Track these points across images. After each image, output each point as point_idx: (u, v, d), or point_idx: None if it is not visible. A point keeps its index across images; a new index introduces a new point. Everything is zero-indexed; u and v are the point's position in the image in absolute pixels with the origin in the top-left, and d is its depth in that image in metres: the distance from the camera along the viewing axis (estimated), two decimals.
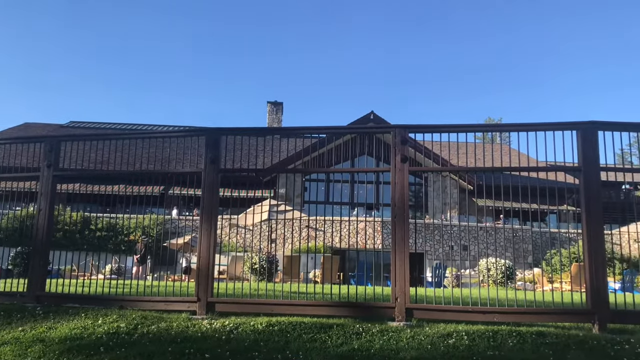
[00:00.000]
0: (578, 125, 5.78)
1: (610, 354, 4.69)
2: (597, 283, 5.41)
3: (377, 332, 5.16)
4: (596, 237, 5.53)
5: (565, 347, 4.83)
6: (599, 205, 5.65)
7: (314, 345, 4.93)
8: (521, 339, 4.95)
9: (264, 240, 20.84)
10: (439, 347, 4.81)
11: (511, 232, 21.10)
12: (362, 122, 28.86)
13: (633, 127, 6.11)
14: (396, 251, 5.74)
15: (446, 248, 24.99)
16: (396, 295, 5.63)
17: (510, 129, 6.69)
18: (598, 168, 5.71)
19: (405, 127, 6.17)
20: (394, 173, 5.95)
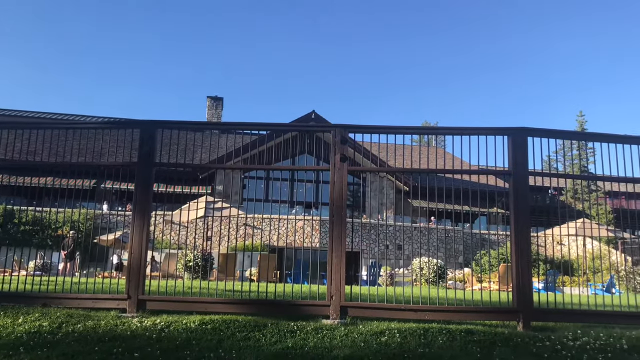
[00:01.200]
0: (509, 130, 6.02)
1: (533, 351, 4.91)
2: (522, 283, 5.65)
3: (311, 330, 5.16)
4: (523, 239, 5.77)
5: (492, 344, 5.01)
6: (527, 208, 5.90)
7: (248, 344, 4.88)
8: (451, 337, 5.09)
9: (200, 237, 20.47)
10: (372, 344, 4.88)
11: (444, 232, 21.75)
12: (304, 121, 28.92)
13: (560, 134, 6.42)
14: (333, 250, 5.77)
15: (381, 247, 25.45)
16: (331, 294, 5.66)
17: (445, 132, 6.89)
18: (527, 172, 5.96)
19: (345, 127, 6.21)
20: (333, 172, 5.97)
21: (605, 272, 19.16)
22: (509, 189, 6.00)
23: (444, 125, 55.63)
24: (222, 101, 37.53)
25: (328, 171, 6.04)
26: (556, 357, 4.83)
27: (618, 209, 29.19)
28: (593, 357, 4.80)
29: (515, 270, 5.68)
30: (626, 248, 24.00)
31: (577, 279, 19.18)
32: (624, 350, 5.00)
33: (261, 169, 21.36)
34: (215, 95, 37.56)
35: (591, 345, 5.03)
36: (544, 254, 21.19)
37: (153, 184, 6.20)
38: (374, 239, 25.46)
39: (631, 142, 6.32)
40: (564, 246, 22.42)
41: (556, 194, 30.04)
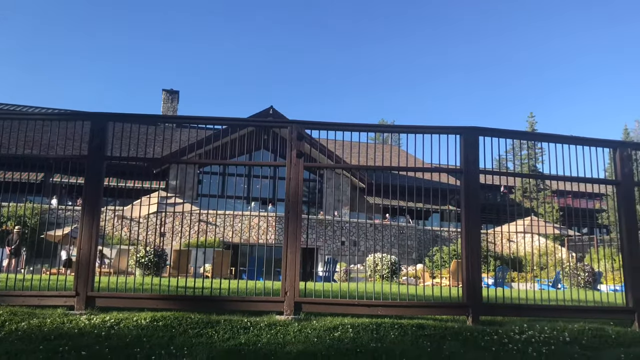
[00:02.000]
0: (461, 130, 6.16)
1: (481, 344, 5.05)
2: (472, 278, 5.80)
3: (265, 326, 5.15)
4: (473, 235, 5.92)
5: (442, 338, 5.12)
6: (477, 205, 6.06)
7: (200, 340, 4.82)
8: (402, 331, 5.17)
9: (153, 233, 20.07)
10: (325, 340, 4.90)
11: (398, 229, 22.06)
12: (262, 116, 28.75)
13: (510, 134, 6.59)
14: (288, 246, 5.77)
15: (338, 243, 25.61)
16: (286, 290, 5.66)
17: (399, 131, 6.98)
18: (478, 171, 6.11)
19: (302, 123, 6.22)
20: (289, 168, 5.96)
21: (552, 268, 19.90)
22: (460, 187, 6.14)
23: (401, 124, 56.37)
24: (178, 95, 36.91)
25: (284, 167, 6.03)
26: (503, 350, 4.98)
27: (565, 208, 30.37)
28: (537, 350, 4.97)
29: (465, 266, 5.82)
30: (572, 245, 24.98)
31: (525, 275, 19.83)
32: (566, 342, 5.21)
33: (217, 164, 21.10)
34: (171, 89, 36.88)
35: (536, 339, 5.21)
36: (494, 250, 21.81)
37: (104, 178, 6.04)
38: (330, 236, 25.59)
39: (578, 142, 6.56)
40: (514, 243, 23.14)
41: (507, 193, 30.95)
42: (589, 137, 6.60)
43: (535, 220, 18.33)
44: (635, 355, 4.99)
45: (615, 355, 4.97)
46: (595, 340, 5.35)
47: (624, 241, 6.29)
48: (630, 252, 6.24)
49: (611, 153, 6.57)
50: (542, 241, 23.83)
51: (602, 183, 6.63)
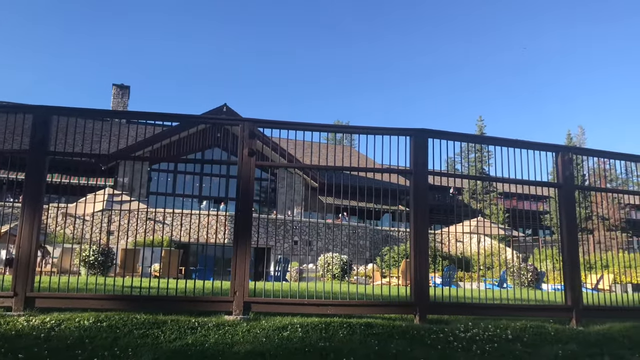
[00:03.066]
0: (411, 131, 6.25)
1: (427, 342, 5.15)
2: (420, 278, 5.90)
3: (213, 326, 5.08)
4: (421, 235, 6.03)
5: (390, 336, 5.19)
6: (426, 206, 6.17)
7: (146, 342, 4.71)
8: (351, 330, 5.21)
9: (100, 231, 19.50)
10: (274, 339, 4.88)
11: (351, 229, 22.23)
12: (215, 113, 28.33)
13: (459, 137, 6.73)
14: (238, 245, 5.71)
15: (291, 243, 25.59)
16: (235, 289, 5.60)
17: (352, 131, 7.04)
18: (426, 172, 6.23)
19: (254, 121, 6.17)
20: (240, 166, 5.91)
21: (498, 268, 20.50)
22: (409, 188, 6.23)
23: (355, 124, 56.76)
24: (129, 90, 35.98)
25: (236, 165, 5.97)
26: (448, 347, 5.09)
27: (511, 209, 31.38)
28: (481, 347, 5.11)
29: (414, 266, 5.92)
30: (517, 246, 25.83)
31: (472, 275, 20.35)
32: (509, 340, 5.38)
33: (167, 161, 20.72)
34: (122, 84, 35.91)
35: (480, 336, 5.35)
36: (443, 250, 22.29)
37: (46, 173, 5.81)
38: (283, 235, 25.53)
39: (522, 146, 6.78)
40: (462, 243, 23.72)
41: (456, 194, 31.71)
42: (533, 141, 6.84)
43: (482, 221, 18.85)
44: (572, 351, 5.21)
45: (553, 351, 5.17)
46: (536, 337, 5.55)
47: (565, 242, 6.55)
48: (570, 252, 6.50)
49: (554, 157, 6.82)
50: (489, 242, 24.52)
51: (545, 186, 6.87)
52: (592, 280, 17.97)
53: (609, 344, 5.59)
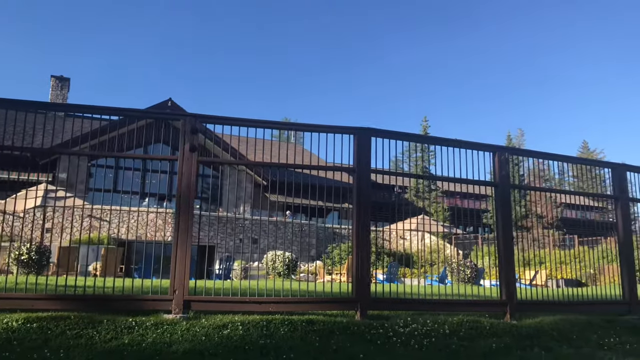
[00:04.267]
0: (354, 130, 6.31)
1: (367, 338, 5.21)
2: (361, 274, 5.97)
3: (151, 325, 4.97)
4: (363, 232, 6.10)
5: (331, 333, 5.23)
6: (368, 204, 6.24)
7: (79, 342, 4.55)
8: (292, 327, 5.21)
9: (37, 229, 18.71)
10: (214, 338, 4.83)
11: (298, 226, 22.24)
12: (159, 108, 27.71)
13: (401, 136, 6.85)
14: (178, 242, 5.60)
15: (237, 241, 25.35)
16: (175, 288, 5.49)
17: (297, 129, 7.03)
18: (369, 170, 6.30)
19: (197, 116, 6.07)
20: (181, 162, 5.79)
21: (440, 264, 21.02)
22: (353, 186, 6.29)
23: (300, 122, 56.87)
24: (69, 82, 34.61)
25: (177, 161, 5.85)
26: (388, 343, 5.18)
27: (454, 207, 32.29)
28: (419, 342, 5.23)
29: (355, 262, 5.98)
30: (458, 243, 26.59)
31: (416, 271, 20.80)
32: (446, 334, 5.52)
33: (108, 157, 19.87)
34: (61, 75, 34.50)
35: (419, 331, 5.47)
36: (387, 247, 22.67)
37: None
38: (229, 233, 25.25)
39: (462, 146, 6.97)
40: (406, 240, 24.19)
41: (401, 192, 32.32)
42: (472, 142, 7.03)
43: (425, 219, 19.28)
44: (505, 344, 5.40)
45: (488, 345, 5.35)
46: (471, 331, 5.72)
47: (500, 239, 6.78)
48: (505, 248, 6.74)
49: (491, 157, 7.04)
50: (431, 239, 25.11)
51: (483, 184, 7.08)
52: (529, 276, 18.73)
53: (540, 336, 5.84)
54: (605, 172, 8.61)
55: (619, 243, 7.78)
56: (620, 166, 8.13)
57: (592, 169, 8.62)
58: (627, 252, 7.70)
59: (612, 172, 8.03)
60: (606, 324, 6.63)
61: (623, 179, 7.94)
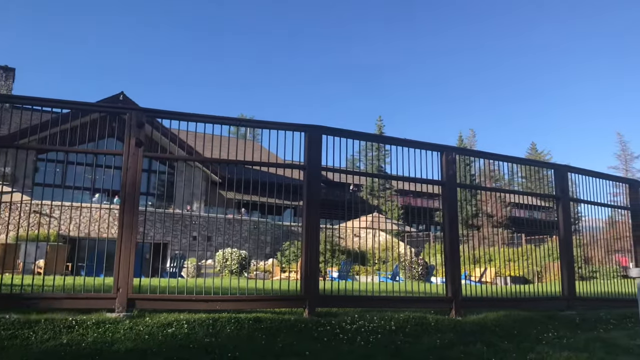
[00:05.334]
0: (306, 127, 6.31)
1: (314, 335, 5.22)
2: (310, 271, 5.97)
3: (92, 324, 4.82)
4: (312, 229, 6.10)
5: (278, 330, 5.21)
6: (318, 201, 6.25)
7: (14, 343, 4.38)
8: (239, 326, 5.17)
9: None
10: (157, 336, 4.73)
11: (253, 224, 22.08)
12: (111, 101, 26.95)
13: (353, 135, 6.86)
14: (122, 240, 5.47)
15: (189, 238, 24.98)
16: (118, 286, 5.36)
17: (249, 125, 6.98)
18: (320, 167, 6.31)
19: (144, 111, 5.95)
20: (126, 157, 5.65)
21: (393, 262, 21.30)
22: (303, 183, 6.29)
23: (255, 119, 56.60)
24: (14, 72, 33.22)
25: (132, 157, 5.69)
26: (334, 340, 5.20)
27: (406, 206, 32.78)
28: (365, 339, 5.27)
29: (304, 260, 5.98)
30: (411, 241, 27.01)
31: (369, 268, 21.00)
32: (392, 331, 5.59)
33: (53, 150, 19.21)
34: (6, 65, 33.06)
35: (365, 328, 5.52)
36: (341, 244, 22.80)
37: None
38: (182, 230, 24.85)
39: (411, 145, 7.07)
40: (360, 238, 24.38)
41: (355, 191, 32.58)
42: (422, 141, 7.15)
43: (378, 217, 19.50)
44: (449, 340, 5.52)
45: (432, 341, 5.45)
46: (417, 327, 5.82)
47: (446, 237, 6.93)
48: (451, 246, 6.88)
49: (439, 156, 7.18)
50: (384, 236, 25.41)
51: (431, 183, 7.21)
52: (478, 273, 19.21)
53: (483, 332, 6.00)
54: (550, 173, 8.91)
55: (560, 241, 8.08)
56: (562, 167, 8.43)
57: (539, 170, 8.92)
58: (567, 251, 8.00)
59: (554, 172, 8.32)
60: (546, 320, 6.87)
61: (565, 180, 8.24)
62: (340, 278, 14.71)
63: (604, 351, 5.58)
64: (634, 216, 9.41)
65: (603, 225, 10.14)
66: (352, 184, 30.89)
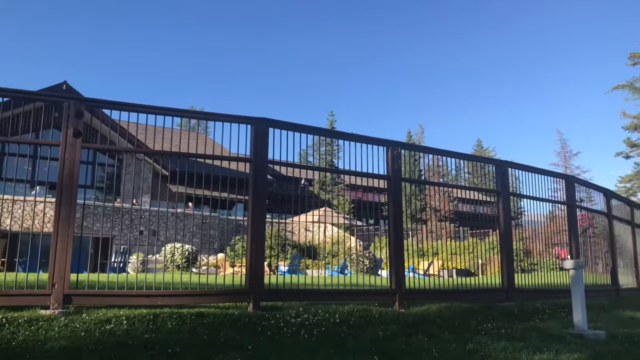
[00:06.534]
0: (252, 120, 6.25)
1: (258, 329, 5.19)
2: (255, 265, 5.93)
3: (24, 322, 4.62)
4: (258, 223, 6.06)
5: (221, 325, 5.15)
6: (264, 195, 6.21)
7: None
8: (181, 321, 5.08)
9: None
10: (94, 333, 4.58)
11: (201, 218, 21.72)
12: (53, 90, 25.92)
13: (300, 129, 6.80)
14: (58, 234, 5.26)
15: (136, 233, 24.38)
16: (54, 282, 5.16)
17: (196, 117, 6.87)
18: (266, 161, 6.26)
19: (83, 100, 5.75)
20: (63, 148, 5.43)
21: (342, 255, 21.48)
22: (249, 176, 6.22)
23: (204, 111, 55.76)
24: None
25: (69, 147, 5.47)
26: (278, 333, 5.18)
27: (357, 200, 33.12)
28: (309, 332, 5.28)
29: (250, 254, 5.93)
30: (360, 234, 27.30)
31: (319, 262, 21.10)
32: (336, 324, 5.63)
33: None
34: None
35: (310, 321, 5.53)
36: (291, 238, 22.80)
37: None
38: (127, 225, 24.22)
39: (359, 140, 7.11)
40: (310, 232, 24.45)
41: (307, 185, 32.62)
42: (368, 136, 7.20)
43: (328, 211, 19.59)
44: (392, 332, 5.60)
45: (375, 332, 5.51)
46: (361, 320, 5.88)
47: (391, 230, 7.02)
48: (395, 239, 6.99)
49: (385, 151, 7.26)
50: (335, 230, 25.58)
51: (377, 177, 7.27)
52: (424, 266, 19.62)
53: (425, 323, 6.12)
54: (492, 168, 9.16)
55: (500, 235, 8.34)
56: (503, 163, 8.70)
57: (484, 165, 9.17)
58: (507, 244, 8.27)
59: (495, 168, 8.57)
60: (486, 311, 7.09)
61: (505, 175, 8.51)
62: (289, 272, 14.70)
63: (538, 340, 5.80)
64: (570, 211, 9.82)
65: (543, 219, 10.51)
66: (304, 179, 30.92)
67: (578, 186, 10.57)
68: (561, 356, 5.15)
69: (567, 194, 9.89)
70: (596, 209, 11.33)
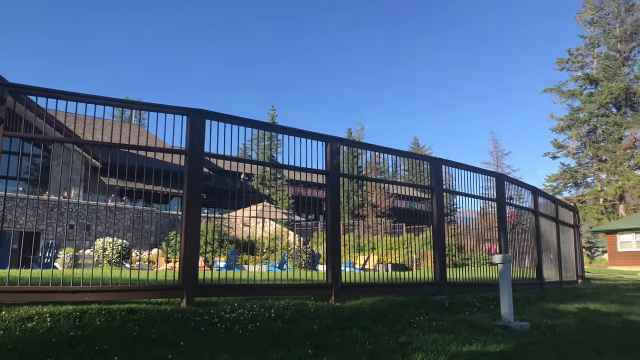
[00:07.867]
0: (187, 111, 6.10)
1: (191, 325, 5.09)
2: (188, 260, 5.80)
3: None
4: (193, 218, 5.93)
5: (152, 321, 5.01)
6: (199, 188, 6.09)
7: None
8: (110, 317, 4.91)
9: None
10: (14, 332, 4.35)
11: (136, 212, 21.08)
12: None
13: (239, 121, 6.68)
14: None
15: (66, 227, 23.37)
16: None
17: (128, 106, 6.63)
18: (202, 153, 6.13)
19: (6, 85, 5.44)
20: None
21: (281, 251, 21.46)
22: (184, 169, 6.08)
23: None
24: None
25: None
26: (212, 329, 5.11)
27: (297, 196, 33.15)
28: (244, 327, 5.23)
29: (182, 248, 5.81)
30: (300, 230, 27.35)
31: (257, 258, 20.96)
32: (271, 318, 5.60)
33: None
34: None
35: (245, 316, 5.48)
36: (230, 234, 22.54)
37: None
38: (57, 218, 23.15)
39: (297, 134, 7.10)
40: (249, 227, 24.25)
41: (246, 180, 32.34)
42: (307, 131, 7.21)
43: (268, 206, 19.49)
44: (327, 325, 5.64)
45: (310, 326, 5.53)
46: (296, 314, 5.88)
47: (328, 225, 7.07)
48: (333, 234, 7.03)
49: (324, 146, 7.28)
50: (274, 226, 25.51)
51: (315, 173, 7.29)
52: (361, 260, 19.92)
53: (359, 317, 6.20)
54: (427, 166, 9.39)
55: (434, 230, 8.57)
56: (437, 160, 8.94)
57: (421, 163, 9.37)
58: (440, 239, 8.51)
59: (430, 165, 8.80)
60: (419, 304, 7.27)
61: (439, 172, 8.74)
62: (227, 268, 14.52)
63: (468, 332, 6.00)
64: (499, 207, 10.23)
65: (476, 215, 10.88)
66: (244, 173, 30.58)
67: (508, 184, 11.02)
68: (488, 347, 5.35)
69: (498, 191, 10.29)
70: (524, 206, 11.86)
